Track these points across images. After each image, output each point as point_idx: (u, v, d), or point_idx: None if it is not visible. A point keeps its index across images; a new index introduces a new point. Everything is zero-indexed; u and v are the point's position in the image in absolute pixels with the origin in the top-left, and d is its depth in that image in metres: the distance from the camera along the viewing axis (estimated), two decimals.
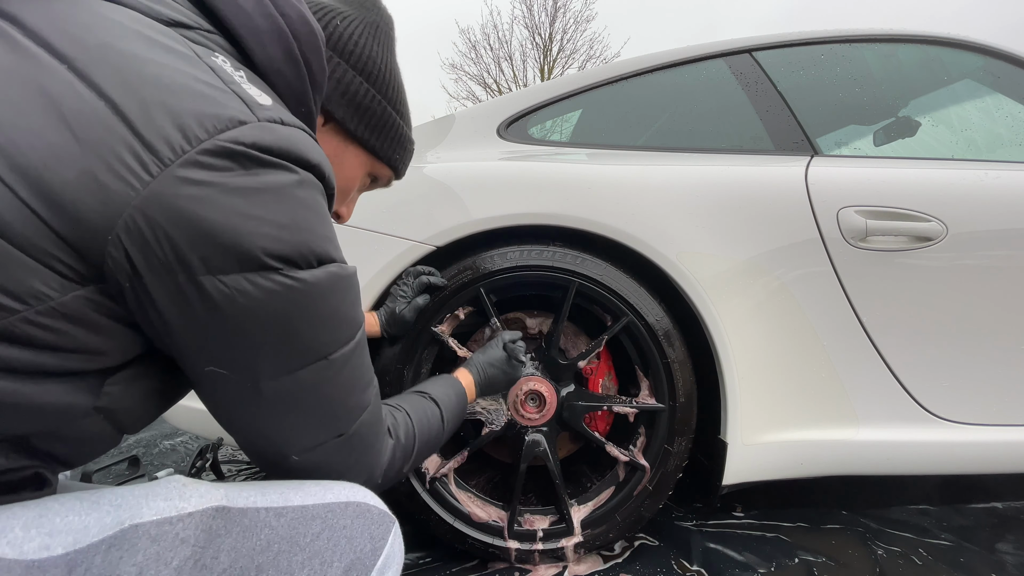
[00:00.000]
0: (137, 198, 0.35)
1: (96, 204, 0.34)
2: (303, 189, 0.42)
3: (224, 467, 1.59)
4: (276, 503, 0.45)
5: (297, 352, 0.44)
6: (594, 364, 1.10)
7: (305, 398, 0.46)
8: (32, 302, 0.34)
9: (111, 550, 0.37)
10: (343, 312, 0.47)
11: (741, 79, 1.22)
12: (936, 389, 1.03)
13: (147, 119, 0.35)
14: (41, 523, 0.36)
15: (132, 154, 0.35)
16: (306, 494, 0.48)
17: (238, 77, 0.43)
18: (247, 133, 0.39)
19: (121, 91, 0.35)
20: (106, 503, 0.39)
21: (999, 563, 1.05)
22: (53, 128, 0.34)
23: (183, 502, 0.40)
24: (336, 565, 0.46)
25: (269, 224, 0.39)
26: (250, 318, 0.40)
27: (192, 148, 0.36)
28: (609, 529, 1.02)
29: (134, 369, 0.42)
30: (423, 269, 0.97)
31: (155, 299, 0.38)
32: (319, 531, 0.46)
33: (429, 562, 1.05)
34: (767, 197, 1.03)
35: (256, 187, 0.39)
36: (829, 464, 1.05)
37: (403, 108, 0.64)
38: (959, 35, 1.25)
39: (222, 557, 0.41)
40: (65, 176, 0.34)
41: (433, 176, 1.05)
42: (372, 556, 0.49)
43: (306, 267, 0.42)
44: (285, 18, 0.47)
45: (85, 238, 0.35)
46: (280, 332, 0.42)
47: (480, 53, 16.50)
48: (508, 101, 1.25)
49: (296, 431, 0.47)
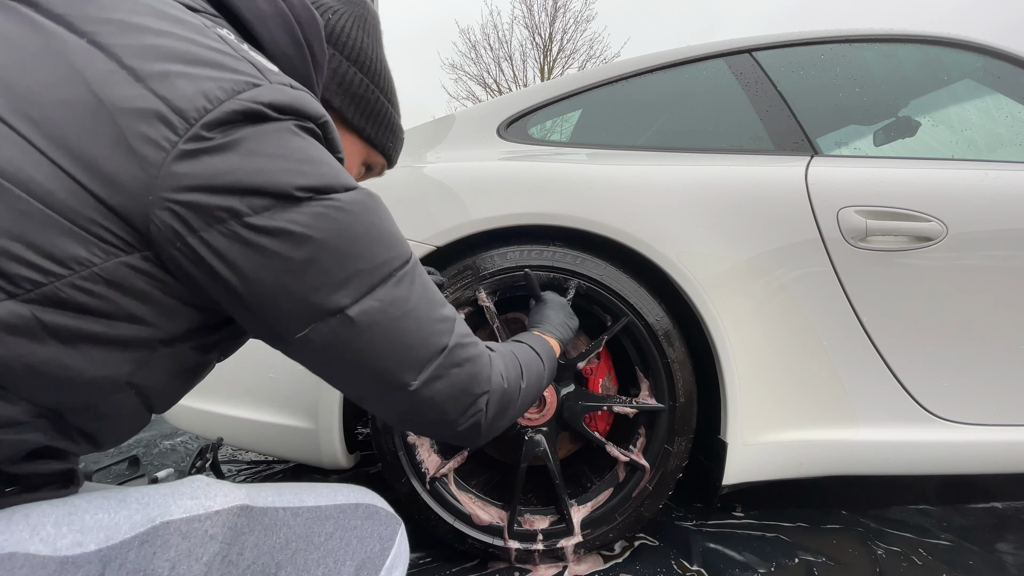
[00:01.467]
0: (169, 157, 0.36)
1: (134, 170, 0.36)
2: (311, 133, 0.45)
3: (224, 467, 1.59)
4: (292, 503, 0.47)
5: (364, 273, 0.45)
6: (594, 364, 1.10)
7: (394, 317, 0.47)
8: (76, 267, 0.35)
9: (144, 546, 0.38)
10: (388, 229, 0.48)
11: (741, 79, 1.22)
12: (936, 389, 1.03)
13: (170, 85, 0.37)
14: (72, 520, 0.36)
15: (160, 119, 0.36)
16: (319, 495, 0.50)
17: (245, 47, 0.45)
18: (263, 93, 0.40)
19: (141, 61, 0.37)
20: (133, 501, 0.40)
21: (999, 563, 1.05)
22: (83, 101, 0.36)
23: (209, 500, 0.42)
24: (348, 564, 0.48)
25: (291, 160, 0.41)
26: (306, 249, 0.41)
27: (214, 108, 0.38)
28: (609, 529, 1.02)
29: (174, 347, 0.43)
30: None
31: (216, 250, 0.39)
32: (332, 531, 0.48)
33: (429, 562, 1.05)
34: (767, 197, 1.03)
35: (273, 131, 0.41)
36: (829, 464, 1.05)
37: (393, 97, 0.66)
38: (959, 35, 1.25)
39: (246, 554, 0.42)
40: (101, 144, 0.35)
41: (433, 176, 1.04)
42: (381, 556, 0.50)
43: (338, 191, 0.44)
44: (288, 3, 0.50)
45: (128, 204, 0.36)
46: (340, 256, 0.43)
47: (480, 53, 16.51)
48: (508, 101, 1.25)
49: (402, 353, 0.47)
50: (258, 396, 1.03)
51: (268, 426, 1.02)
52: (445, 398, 0.51)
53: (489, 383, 0.55)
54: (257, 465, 1.62)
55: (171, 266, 0.39)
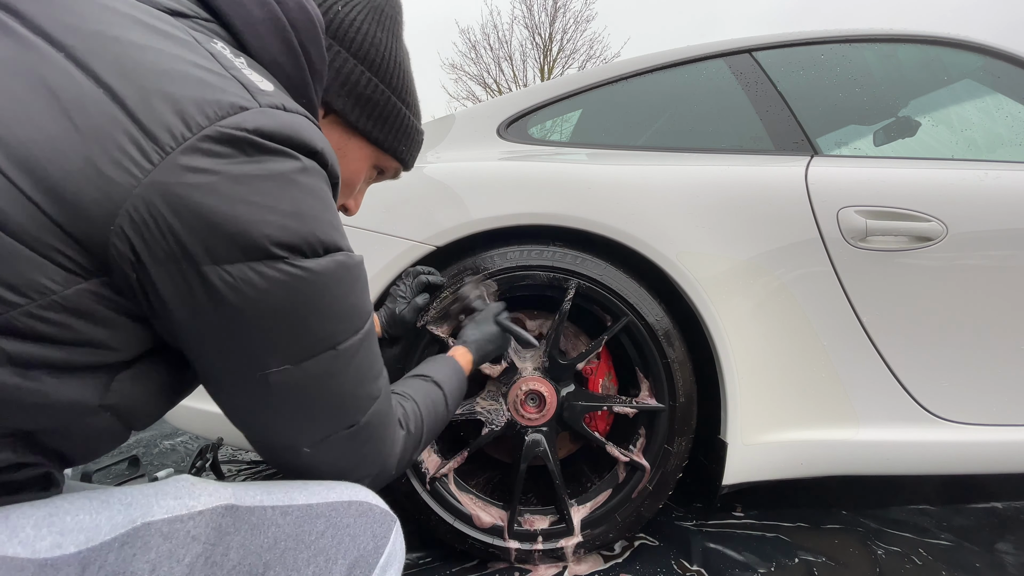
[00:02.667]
0: (139, 187, 0.34)
1: (98, 194, 0.34)
2: (307, 176, 0.41)
3: (224, 467, 1.59)
4: (282, 502, 0.46)
5: (305, 343, 0.43)
6: (594, 364, 1.10)
7: (314, 389, 0.45)
8: (34, 296, 0.33)
9: (124, 547, 0.37)
10: (351, 301, 0.46)
11: (741, 79, 1.22)
12: (936, 389, 1.03)
13: (146, 106, 0.35)
14: (52, 522, 0.36)
15: (132, 142, 0.34)
16: (310, 493, 0.48)
17: (239, 63, 0.42)
18: (249, 119, 0.38)
19: (119, 79, 0.35)
20: (116, 502, 0.39)
21: (999, 563, 1.05)
22: (53, 119, 0.33)
23: (193, 500, 0.40)
24: (340, 563, 0.46)
25: (274, 212, 0.38)
26: (256, 309, 0.39)
27: (193, 135, 0.35)
28: (609, 529, 1.02)
29: (142, 366, 0.41)
30: (422, 269, 0.97)
31: (159, 290, 0.37)
32: (323, 529, 0.46)
33: (429, 562, 1.05)
34: (767, 197, 1.03)
35: (259, 174, 0.38)
36: (829, 464, 1.05)
37: (409, 97, 0.61)
38: (959, 35, 1.25)
39: (231, 554, 0.41)
40: (66, 167, 0.33)
41: (433, 176, 1.04)
42: (375, 554, 0.49)
43: (312, 255, 0.41)
44: (282, 6, 0.46)
45: (87, 229, 0.34)
46: (287, 323, 0.41)
47: (480, 53, 16.51)
48: (508, 101, 1.25)
49: (306, 423, 0.46)
50: None
51: None
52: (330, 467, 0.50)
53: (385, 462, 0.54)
54: (257, 465, 1.62)
55: (125, 290, 0.37)
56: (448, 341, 1.00)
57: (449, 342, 1.00)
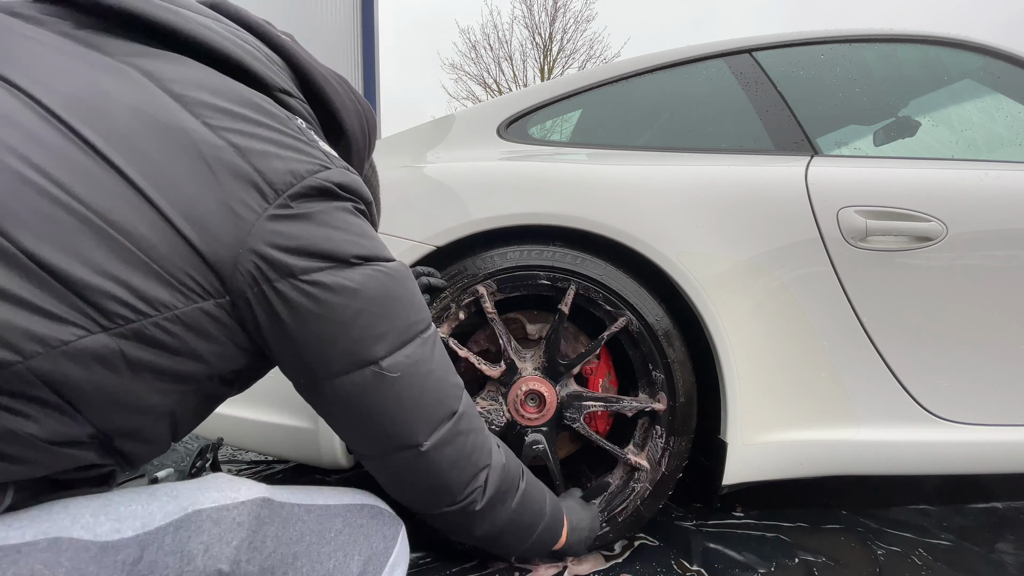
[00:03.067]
0: (260, 219, 0.46)
1: (231, 226, 0.44)
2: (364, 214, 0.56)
3: (224, 467, 1.59)
4: (305, 500, 0.52)
5: (400, 328, 0.54)
6: (594, 364, 1.10)
7: (418, 374, 0.54)
8: (161, 309, 0.42)
9: (179, 531, 0.42)
10: (417, 297, 0.58)
11: (741, 79, 1.22)
12: (936, 389, 1.03)
13: (266, 163, 0.47)
14: (108, 511, 0.41)
15: (256, 189, 0.46)
16: (327, 496, 0.54)
17: (315, 135, 0.55)
18: (333, 175, 0.51)
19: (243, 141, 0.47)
20: (163, 495, 0.44)
21: (999, 563, 1.05)
22: (197, 167, 0.44)
23: (235, 492, 0.46)
24: (356, 559, 0.52)
25: (351, 234, 0.51)
26: (357, 298, 0.50)
27: (297, 183, 0.48)
28: (609, 529, 1.02)
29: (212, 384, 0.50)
30: (423, 270, 0.97)
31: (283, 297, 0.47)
32: (341, 527, 0.52)
33: (429, 562, 1.05)
34: (767, 197, 1.03)
35: (339, 209, 0.52)
36: (829, 464, 1.05)
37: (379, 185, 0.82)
38: (959, 35, 1.25)
39: (268, 542, 0.46)
40: (209, 205, 0.44)
41: (433, 176, 1.05)
42: (385, 553, 0.54)
43: (383, 261, 0.54)
44: (360, 105, 0.65)
45: (220, 253, 0.44)
46: (382, 310, 0.52)
47: (480, 53, 16.51)
48: (508, 101, 1.25)
49: (418, 414, 0.55)
50: (258, 396, 1.02)
51: (268, 426, 1.02)
52: (450, 465, 0.57)
53: (491, 456, 0.62)
54: (257, 465, 1.62)
55: (243, 311, 0.47)
56: (448, 342, 1.00)
57: (450, 343, 1.00)
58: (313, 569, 0.48)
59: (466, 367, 1.11)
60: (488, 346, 1.13)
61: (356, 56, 11.69)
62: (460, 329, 1.07)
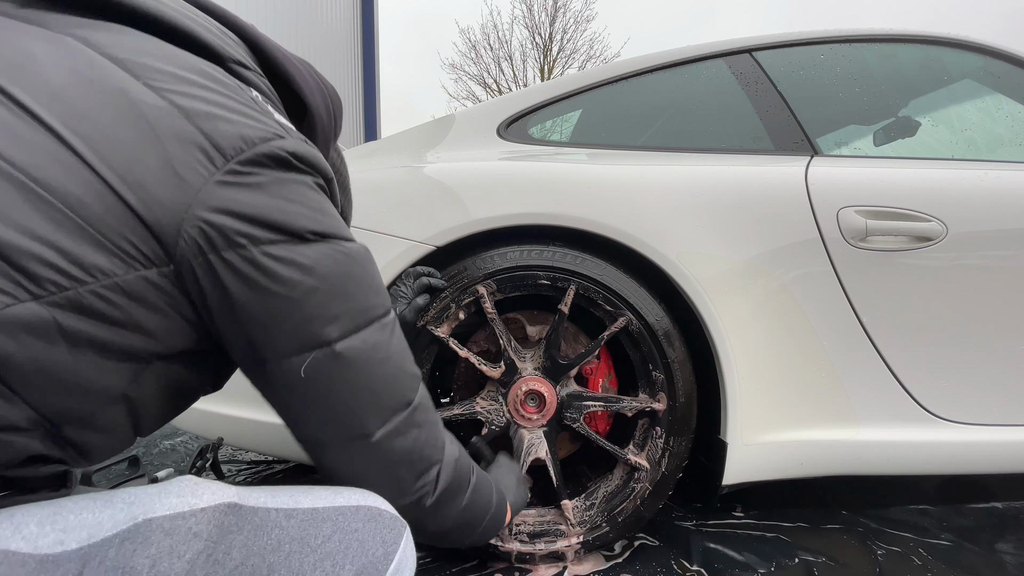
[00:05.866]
0: (207, 184, 0.42)
1: (173, 189, 0.41)
2: (323, 189, 0.53)
3: (224, 467, 1.59)
4: (286, 504, 0.46)
5: (356, 311, 0.51)
6: (594, 364, 1.10)
7: (374, 360, 0.51)
8: (99, 276, 0.39)
9: (124, 543, 0.37)
10: (377, 280, 0.55)
11: (741, 79, 1.22)
12: (936, 389, 1.03)
13: (213, 125, 0.44)
14: (55, 520, 0.37)
15: (202, 151, 0.43)
16: (316, 498, 0.48)
17: (270, 108, 0.52)
18: (288, 144, 0.48)
19: (191, 103, 0.44)
20: (119, 501, 0.40)
21: (999, 563, 1.05)
22: (140, 128, 0.41)
23: (195, 498, 0.41)
24: (348, 568, 0.46)
25: (307, 207, 0.48)
26: (311, 276, 0.47)
27: (249, 149, 0.45)
28: (609, 529, 1.02)
29: (170, 364, 0.46)
30: (423, 270, 0.97)
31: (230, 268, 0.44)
32: (330, 533, 0.46)
33: (429, 562, 1.05)
34: (767, 197, 1.03)
35: (295, 181, 0.48)
36: (829, 464, 1.05)
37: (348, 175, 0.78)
38: (959, 35, 1.25)
39: (234, 553, 0.41)
40: (150, 166, 0.40)
41: (433, 176, 1.05)
42: (384, 560, 0.48)
43: (341, 240, 0.51)
44: (325, 85, 0.63)
45: (163, 220, 0.41)
46: (337, 290, 0.49)
47: (480, 53, 16.51)
48: (508, 101, 1.25)
49: (372, 397, 0.52)
50: (258, 396, 1.02)
51: (268, 426, 1.02)
52: (401, 458, 0.53)
53: (443, 452, 0.59)
54: (257, 465, 1.62)
55: (187, 281, 0.43)
56: (448, 342, 1.00)
57: (450, 343, 1.00)
58: None
59: (466, 367, 1.11)
60: (488, 346, 1.13)
61: (356, 56, 11.69)
62: (460, 329, 1.07)
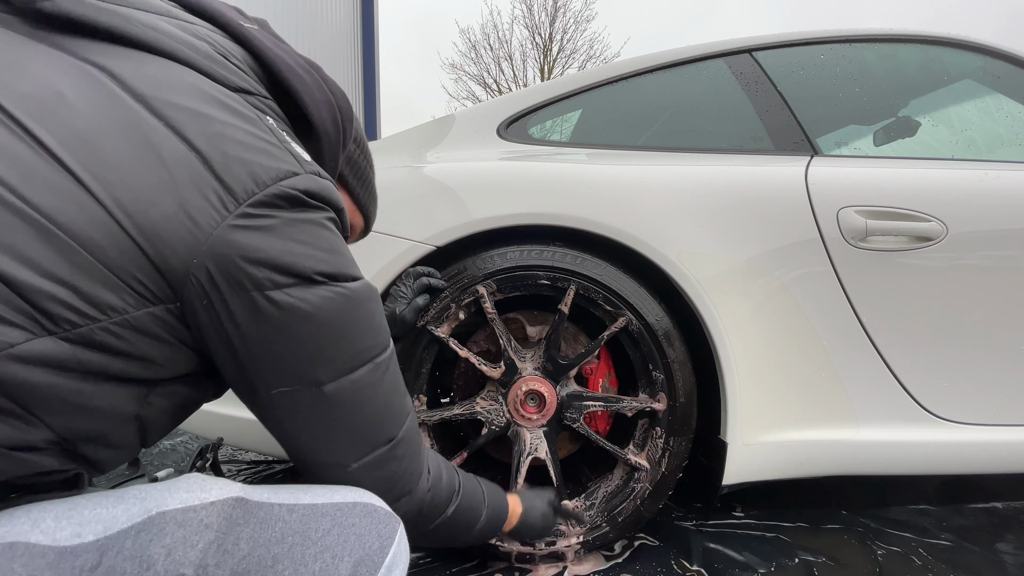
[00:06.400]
0: (218, 229, 0.44)
1: (184, 234, 0.42)
2: (335, 225, 0.53)
3: (224, 467, 1.59)
4: (288, 500, 0.49)
5: (351, 354, 0.52)
6: (594, 364, 1.10)
7: (360, 402, 0.53)
8: (110, 314, 0.41)
9: (140, 534, 0.40)
10: (378, 320, 0.56)
11: (741, 79, 1.22)
12: (936, 389, 1.03)
13: (227, 168, 0.45)
14: (71, 515, 0.39)
15: (215, 195, 0.44)
16: (315, 495, 0.51)
17: (287, 137, 0.53)
18: (300, 182, 0.49)
19: (207, 146, 0.45)
20: (131, 497, 0.43)
21: (999, 563, 1.05)
22: (155, 171, 0.42)
23: (205, 493, 0.44)
24: (347, 560, 0.49)
25: (316, 248, 0.49)
26: (311, 322, 0.48)
27: (259, 191, 0.46)
28: (609, 529, 1.02)
29: (175, 384, 0.49)
30: (423, 270, 0.97)
31: (232, 312, 0.45)
32: (329, 527, 0.49)
33: (429, 562, 1.05)
34: (767, 197, 1.03)
35: (305, 220, 0.49)
36: (829, 464, 1.05)
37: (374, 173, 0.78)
38: (959, 35, 1.25)
39: (242, 544, 0.44)
40: (163, 210, 0.42)
41: (433, 176, 1.05)
42: (380, 554, 0.51)
43: (346, 280, 0.52)
44: (334, 94, 0.60)
45: (172, 262, 0.42)
46: (335, 335, 0.50)
47: (480, 53, 16.51)
48: (508, 101, 1.25)
49: (354, 437, 0.54)
50: None
51: None
52: (375, 485, 0.56)
53: (418, 481, 0.62)
54: (257, 465, 1.62)
55: (190, 318, 0.45)
56: (448, 342, 1.00)
57: (450, 343, 1.00)
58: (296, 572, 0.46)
59: (466, 367, 1.11)
60: (488, 346, 1.13)
61: (356, 56, 11.69)
62: (460, 329, 1.07)
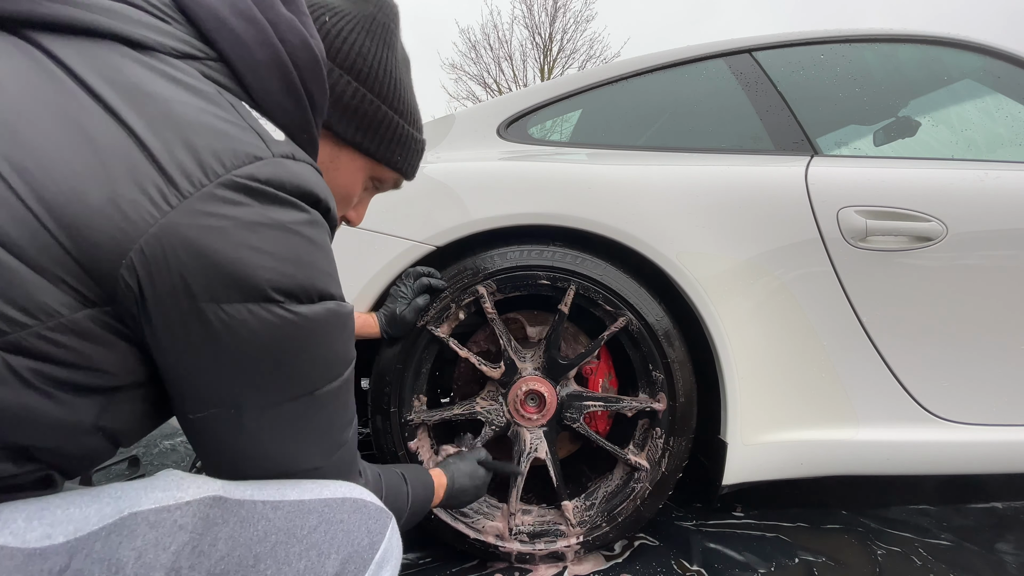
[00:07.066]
0: (154, 227, 0.37)
1: (114, 231, 0.36)
2: (310, 228, 0.44)
3: None
4: (273, 497, 0.46)
5: (285, 386, 0.45)
6: (594, 364, 1.10)
7: (285, 432, 0.47)
8: (43, 318, 0.36)
9: (111, 536, 0.38)
10: (335, 349, 0.48)
11: (741, 79, 1.22)
12: (936, 389, 1.03)
13: (169, 155, 0.37)
14: (43, 515, 0.37)
15: (154, 186, 0.37)
16: (303, 490, 0.49)
17: (249, 108, 0.44)
18: (262, 169, 0.41)
19: (147, 129, 0.38)
20: (106, 496, 0.40)
21: (999, 563, 1.05)
22: (84, 160, 0.36)
23: (180, 492, 0.42)
24: (333, 557, 0.46)
25: (275, 259, 0.41)
26: (245, 347, 0.41)
27: (210, 182, 0.38)
28: (609, 529, 1.02)
29: (138, 391, 0.43)
30: (423, 270, 0.97)
31: (155, 324, 0.39)
32: (316, 524, 0.47)
33: (429, 562, 1.05)
34: (767, 197, 1.03)
35: (266, 222, 0.40)
36: (829, 464, 1.05)
37: (403, 105, 0.60)
38: (959, 35, 1.25)
39: (219, 545, 0.42)
40: (90, 203, 0.36)
41: (433, 176, 1.05)
42: (370, 550, 0.49)
43: (306, 302, 0.44)
44: (286, 45, 0.46)
45: (99, 262, 0.36)
46: (272, 364, 0.43)
47: (480, 53, 16.49)
48: (508, 101, 1.25)
49: (270, 465, 0.48)
50: None
51: None
52: None
53: None
54: None
55: (128, 321, 0.39)
56: (448, 342, 1.00)
57: (450, 343, 1.00)
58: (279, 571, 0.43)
59: (466, 367, 1.11)
60: (488, 346, 1.13)
61: None
62: (460, 329, 1.07)
